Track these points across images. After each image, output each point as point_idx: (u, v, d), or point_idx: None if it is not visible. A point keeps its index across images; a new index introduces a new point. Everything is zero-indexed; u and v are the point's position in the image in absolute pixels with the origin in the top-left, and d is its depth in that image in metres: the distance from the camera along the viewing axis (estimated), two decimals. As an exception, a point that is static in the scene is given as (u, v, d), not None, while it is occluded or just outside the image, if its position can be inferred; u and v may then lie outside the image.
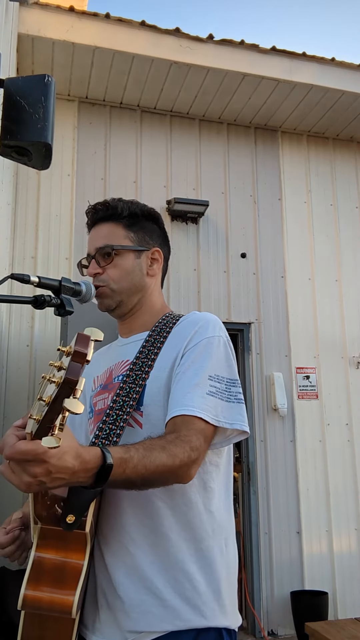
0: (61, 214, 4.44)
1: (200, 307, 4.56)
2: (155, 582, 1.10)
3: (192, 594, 1.11)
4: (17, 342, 4.11)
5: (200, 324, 1.24)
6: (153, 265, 1.37)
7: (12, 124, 1.12)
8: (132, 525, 1.13)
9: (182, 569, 1.12)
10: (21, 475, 0.86)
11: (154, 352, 1.24)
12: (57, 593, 0.99)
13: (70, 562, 1.02)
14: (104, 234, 1.34)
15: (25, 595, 0.98)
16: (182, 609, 1.09)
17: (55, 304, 1.19)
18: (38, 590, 0.99)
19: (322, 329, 4.81)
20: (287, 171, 5.10)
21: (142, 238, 1.36)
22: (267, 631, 4.12)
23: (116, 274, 1.31)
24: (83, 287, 1.25)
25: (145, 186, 4.67)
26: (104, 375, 1.35)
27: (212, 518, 1.17)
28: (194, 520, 1.15)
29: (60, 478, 0.88)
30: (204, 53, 4.31)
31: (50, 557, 1.01)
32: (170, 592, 1.10)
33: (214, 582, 1.14)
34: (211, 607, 1.12)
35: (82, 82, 4.48)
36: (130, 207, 1.36)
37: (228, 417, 1.15)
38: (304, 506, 4.40)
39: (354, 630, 3.06)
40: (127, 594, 1.11)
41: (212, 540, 1.16)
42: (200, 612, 1.10)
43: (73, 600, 0.98)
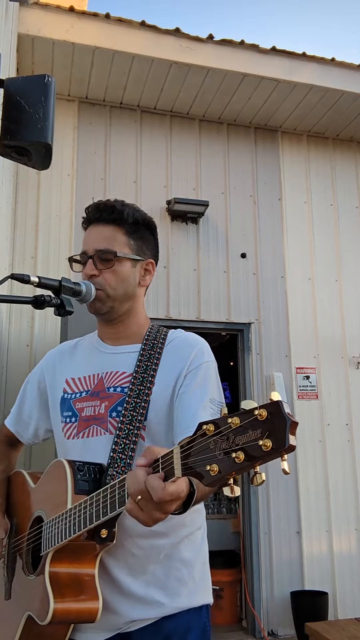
0: (61, 214, 4.44)
1: (200, 307, 4.56)
2: (158, 574, 1.22)
3: (189, 578, 1.26)
4: (17, 342, 4.11)
5: (197, 348, 1.32)
6: (146, 276, 1.39)
7: (12, 124, 1.12)
8: (132, 528, 1.19)
9: (180, 558, 1.25)
10: (152, 513, 0.91)
11: (152, 368, 1.28)
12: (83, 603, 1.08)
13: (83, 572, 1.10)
14: (105, 237, 1.33)
15: (56, 609, 1.06)
16: (183, 592, 1.24)
17: (55, 304, 1.19)
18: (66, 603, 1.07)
19: (322, 329, 4.81)
20: (287, 171, 5.10)
21: (139, 247, 1.37)
22: (267, 631, 4.12)
23: (113, 280, 1.31)
24: (83, 287, 1.25)
25: (145, 186, 4.67)
26: (90, 381, 1.35)
27: (197, 514, 1.32)
28: (185, 519, 1.26)
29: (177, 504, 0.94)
30: (204, 53, 4.31)
31: (64, 570, 1.09)
32: (172, 580, 1.24)
33: (203, 565, 1.32)
34: (202, 586, 1.30)
35: (82, 82, 4.48)
36: (135, 215, 1.36)
37: None
38: (304, 506, 4.40)
39: (354, 630, 3.05)
40: (131, 589, 1.20)
41: (198, 531, 1.32)
42: (196, 592, 1.27)
43: (98, 606, 1.09)
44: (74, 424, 1.33)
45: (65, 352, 1.49)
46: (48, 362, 1.51)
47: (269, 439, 0.76)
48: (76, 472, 1.15)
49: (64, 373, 1.40)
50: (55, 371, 1.44)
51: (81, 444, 1.28)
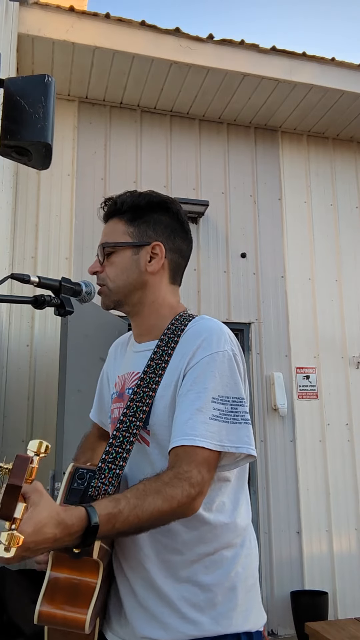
0: (61, 214, 4.44)
1: (200, 307, 4.56)
2: (170, 595, 1.12)
3: (207, 604, 1.12)
4: (17, 342, 4.11)
5: (203, 337, 1.17)
6: (152, 261, 1.27)
7: (12, 124, 1.12)
8: (146, 543, 1.14)
9: (197, 582, 1.13)
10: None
11: (162, 367, 1.20)
12: (70, 611, 1.04)
13: (84, 581, 1.07)
14: (107, 231, 1.33)
15: (40, 611, 1.04)
16: (198, 620, 1.11)
17: (55, 304, 1.19)
18: (52, 607, 1.04)
19: (322, 329, 4.81)
20: (287, 171, 5.10)
21: (143, 232, 1.28)
22: (267, 631, 4.12)
23: (112, 273, 1.28)
24: (83, 287, 1.25)
25: (145, 186, 4.66)
26: (120, 382, 1.34)
27: (227, 529, 1.17)
28: (206, 535, 1.15)
29: (43, 548, 0.89)
30: (204, 53, 4.31)
31: (65, 576, 1.07)
32: (186, 605, 1.12)
33: (230, 591, 1.15)
34: (228, 615, 1.13)
35: (82, 82, 4.48)
36: (135, 200, 1.30)
37: (234, 441, 1.11)
38: (304, 506, 4.40)
39: (354, 630, 3.06)
40: (146, 605, 1.14)
41: (226, 551, 1.16)
42: (216, 622, 1.12)
43: (85, 618, 1.03)
44: (110, 423, 1.36)
45: (119, 346, 1.47)
46: (110, 355, 1.50)
47: None
48: (74, 479, 1.12)
49: (116, 370, 1.41)
50: (112, 366, 1.45)
51: None
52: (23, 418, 3.99)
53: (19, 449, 3.89)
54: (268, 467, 4.40)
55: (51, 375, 3.95)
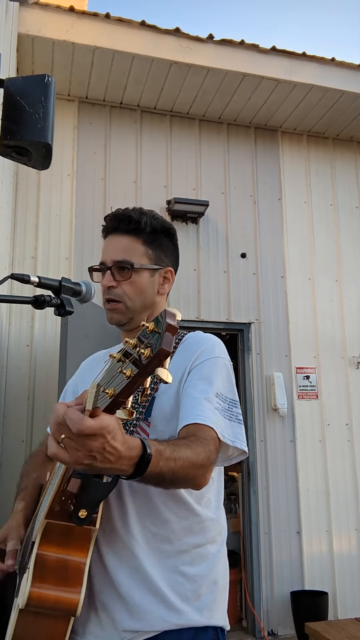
0: (61, 214, 4.44)
1: (200, 307, 4.56)
2: (158, 583, 1.15)
3: (193, 594, 1.17)
4: (17, 342, 4.11)
5: (207, 344, 1.29)
6: (164, 285, 1.38)
7: (12, 124, 1.12)
8: (136, 528, 1.17)
9: (183, 572, 1.18)
10: (74, 452, 0.87)
11: None
12: (62, 591, 0.99)
13: (73, 560, 1.03)
14: (123, 247, 1.33)
15: (31, 592, 0.98)
16: (183, 609, 1.15)
17: (55, 304, 1.19)
18: (44, 588, 0.98)
19: (322, 329, 4.81)
20: (287, 171, 5.10)
21: (158, 256, 1.36)
22: (267, 631, 4.12)
23: (131, 292, 1.31)
24: (83, 287, 1.25)
25: (145, 186, 4.67)
26: None
27: (212, 524, 1.25)
28: (195, 527, 1.21)
29: (108, 459, 0.89)
30: (204, 53, 4.31)
31: (53, 554, 1.02)
32: (172, 593, 1.15)
33: (213, 584, 1.21)
34: (210, 607, 1.19)
35: (82, 82, 4.48)
36: (153, 223, 1.36)
37: (231, 435, 1.18)
38: (304, 506, 4.40)
39: (354, 630, 3.05)
40: (129, 594, 1.14)
41: (210, 546, 1.23)
42: (200, 612, 1.17)
43: (79, 598, 0.99)
44: None
45: (96, 361, 1.49)
46: (81, 371, 1.52)
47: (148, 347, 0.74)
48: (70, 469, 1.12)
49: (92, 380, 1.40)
50: (85, 379, 1.45)
51: None
52: (23, 418, 3.99)
53: (19, 448, 3.90)
54: (268, 467, 4.40)
55: (51, 375, 3.96)
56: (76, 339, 3.44)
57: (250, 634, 4.16)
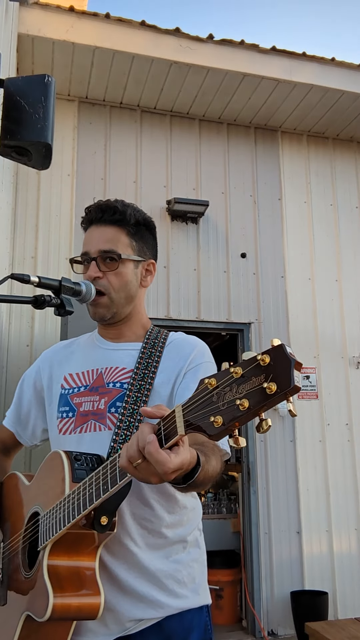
0: (61, 214, 4.44)
1: (200, 307, 4.56)
2: (158, 575, 1.21)
3: (188, 578, 1.26)
4: (17, 342, 4.11)
5: (198, 348, 1.33)
6: (147, 277, 1.39)
7: (12, 124, 1.12)
8: (132, 526, 1.20)
9: (178, 560, 1.25)
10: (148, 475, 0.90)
11: (154, 365, 1.28)
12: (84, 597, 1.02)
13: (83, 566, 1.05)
14: (108, 238, 1.32)
15: (55, 604, 1.00)
16: (183, 593, 1.23)
17: (55, 304, 1.19)
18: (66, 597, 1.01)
19: (322, 328, 4.81)
20: (287, 171, 5.10)
21: (141, 248, 1.37)
22: (267, 631, 4.12)
23: (117, 283, 1.31)
24: (83, 287, 1.25)
25: (145, 186, 4.67)
26: (89, 376, 1.33)
27: (196, 513, 1.33)
28: (184, 519, 1.28)
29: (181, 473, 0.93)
30: (204, 53, 4.31)
31: (64, 563, 1.04)
32: (171, 581, 1.22)
33: (202, 566, 1.32)
34: (203, 586, 1.30)
35: (82, 82, 4.48)
36: (136, 215, 1.36)
37: None
38: (304, 506, 4.40)
39: (354, 630, 3.05)
40: (132, 587, 1.18)
41: (195, 533, 1.32)
42: (196, 593, 1.27)
43: (100, 602, 1.03)
44: (71, 419, 1.30)
45: (61, 350, 1.48)
46: (44, 361, 1.48)
47: (273, 381, 0.74)
48: (73, 461, 1.11)
49: (63, 370, 1.39)
50: (52, 369, 1.43)
51: (76, 439, 1.26)
52: (23, 418, 3.99)
53: (19, 449, 3.90)
54: (268, 467, 4.40)
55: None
56: (76, 339, 3.44)
57: (250, 634, 4.16)
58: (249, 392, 0.76)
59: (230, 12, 22.44)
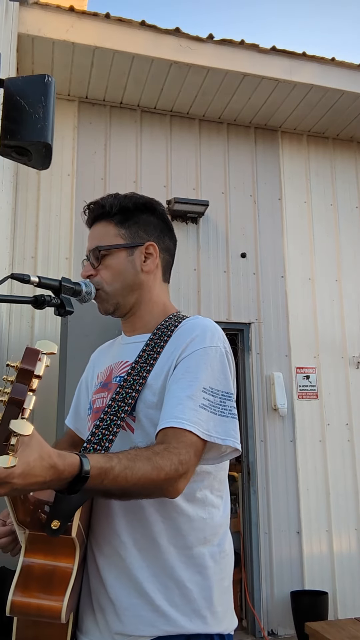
0: (61, 214, 4.44)
1: (200, 307, 4.56)
2: (146, 587, 1.10)
3: (182, 600, 1.10)
4: (17, 342, 4.11)
5: (197, 332, 1.20)
6: (147, 261, 1.31)
7: (12, 124, 1.12)
8: (123, 529, 1.13)
9: (172, 576, 1.11)
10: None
11: (153, 357, 1.22)
12: (45, 599, 0.97)
13: (59, 567, 1.01)
14: (96, 235, 1.33)
15: (13, 601, 0.96)
16: (172, 615, 1.09)
17: (55, 304, 1.19)
18: (26, 596, 0.97)
19: (322, 328, 4.81)
20: (287, 171, 5.10)
21: (135, 233, 1.31)
22: (267, 631, 4.12)
23: (108, 275, 1.29)
24: (83, 287, 1.25)
25: (145, 186, 4.67)
26: (105, 373, 1.34)
27: (205, 525, 1.16)
28: (184, 527, 1.14)
29: (30, 489, 0.87)
30: (204, 53, 4.31)
31: (39, 562, 1.00)
32: (160, 597, 1.09)
33: (206, 589, 1.13)
34: (202, 614, 1.11)
35: (82, 82, 4.48)
36: (122, 202, 1.31)
37: (221, 433, 1.11)
38: (304, 506, 4.40)
39: (354, 630, 3.06)
40: (117, 596, 1.11)
41: (203, 547, 1.15)
42: (189, 619, 1.10)
43: (62, 605, 0.97)
44: (89, 417, 1.33)
45: (103, 350, 1.50)
46: (91, 362, 1.52)
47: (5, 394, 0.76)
48: None
49: (97, 369, 1.42)
50: (94, 369, 1.46)
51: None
52: (23, 418, 3.99)
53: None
54: (268, 467, 4.40)
55: (51, 375, 3.95)
56: (76, 339, 3.44)
57: (250, 634, 4.16)
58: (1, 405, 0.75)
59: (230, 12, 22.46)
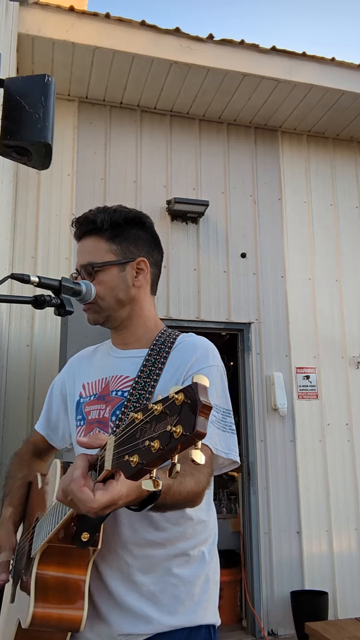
0: (61, 214, 4.44)
1: (200, 307, 4.56)
2: (152, 588, 1.16)
3: (186, 595, 1.18)
4: (17, 342, 4.11)
5: (201, 351, 1.26)
6: (139, 276, 1.33)
7: (12, 124, 1.12)
8: (128, 536, 1.17)
9: (176, 575, 1.18)
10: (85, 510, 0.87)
11: (156, 373, 1.25)
12: (66, 609, 1.01)
13: (73, 578, 1.04)
14: (87, 250, 1.34)
15: (35, 612, 0.99)
16: (178, 611, 1.17)
17: (55, 304, 1.19)
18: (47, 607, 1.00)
19: (322, 329, 4.81)
20: (287, 171, 5.10)
21: (126, 249, 1.32)
22: (267, 631, 4.12)
23: (101, 291, 1.29)
24: (83, 287, 1.25)
25: (145, 186, 4.67)
26: (98, 385, 1.34)
27: (203, 527, 1.25)
28: (188, 531, 1.21)
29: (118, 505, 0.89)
30: (204, 53, 4.31)
31: (53, 573, 1.03)
32: (165, 596, 1.16)
33: (205, 584, 1.22)
34: (203, 605, 1.21)
35: (82, 82, 4.48)
36: (113, 217, 1.32)
37: (224, 447, 1.18)
38: (304, 506, 4.40)
39: (354, 630, 3.06)
40: (123, 599, 1.15)
41: (202, 547, 1.24)
42: (194, 612, 1.19)
43: (82, 615, 1.01)
44: (82, 427, 1.33)
45: (85, 358, 1.49)
46: (70, 368, 1.51)
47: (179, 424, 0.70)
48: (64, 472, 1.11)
49: (82, 378, 1.41)
50: (75, 376, 1.45)
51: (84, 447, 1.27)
52: (23, 418, 3.99)
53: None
54: (268, 467, 4.40)
55: (51, 375, 3.95)
56: (76, 339, 3.44)
57: (250, 633, 4.16)
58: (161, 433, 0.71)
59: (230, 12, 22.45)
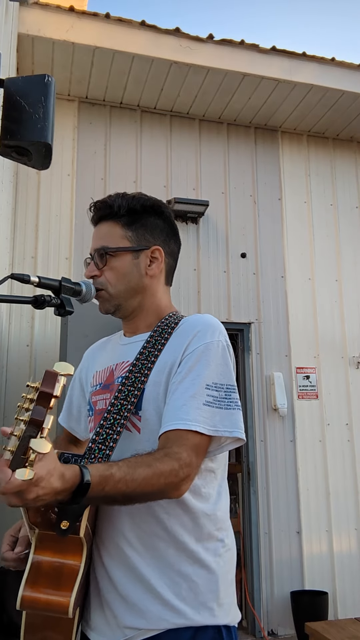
0: (61, 214, 4.44)
1: (200, 307, 4.56)
2: (153, 582, 1.13)
3: (189, 593, 1.13)
4: (17, 342, 4.11)
5: (198, 329, 1.21)
6: (152, 265, 1.30)
7: (12, 124, 1.12)
8: (128, 527, 1.15)
9: (179, 571, 1.14)
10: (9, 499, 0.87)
11: (154, 355, 1.22)
12: (53, 594, 1.02)
13: (67, 564, 1.05)
14: (102, 234, 1.31)
15: (23, 596, 1.02)
16: (180, 608, 1.12)
17: (55, 304, 1.19)
18: (35, 591, 1.02)
19: (322, 329, 4.81)
20: (287, 171, 5.10)
21: (141, 236, 1.30)
22: (267, 631, 4.12)
23: (112, 277, 1.28)
24: (83, 287, 1.25)
25: (145, 186, 4.67)
26: (105, 373, 1.34)
27: (208, 521, 1.18)
28: (189, 524, 1.16)
29: (44, 500, 0.90)
30: (204, 53, 4.31)
31: (48, 559, 1.05)
32: (168, 592, 1.12)
33: (211, 582, 1.16)
34: (209, 606, 1.14)
35: (82, 82, 4.48)
36: (130, 203, 1.30)
37: (228, 425, 1.15)
38: (304, 506, 4.40)
39: (354, 630, 3.05)
40: (127, 592, 1.13)
41: (207, 542, 1.18)
42: (198, 611, 1.13)
43: (69, 601, 1.02)
44: (91, 418, 1.34)
45: (97, 348, 1.49)
46: (85, 359, 1.51)
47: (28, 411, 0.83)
48: None
49: (94, 368, 1.40)
50: (89, 367, 1.45)
51: None
52: (23, 418, 3.99)
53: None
54: (268, 467, 4.40)
55: (51, 375, 3.95)
56: (76, 339, 3.44)
57: (250, 633, 4.16)
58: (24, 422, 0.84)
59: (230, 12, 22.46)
